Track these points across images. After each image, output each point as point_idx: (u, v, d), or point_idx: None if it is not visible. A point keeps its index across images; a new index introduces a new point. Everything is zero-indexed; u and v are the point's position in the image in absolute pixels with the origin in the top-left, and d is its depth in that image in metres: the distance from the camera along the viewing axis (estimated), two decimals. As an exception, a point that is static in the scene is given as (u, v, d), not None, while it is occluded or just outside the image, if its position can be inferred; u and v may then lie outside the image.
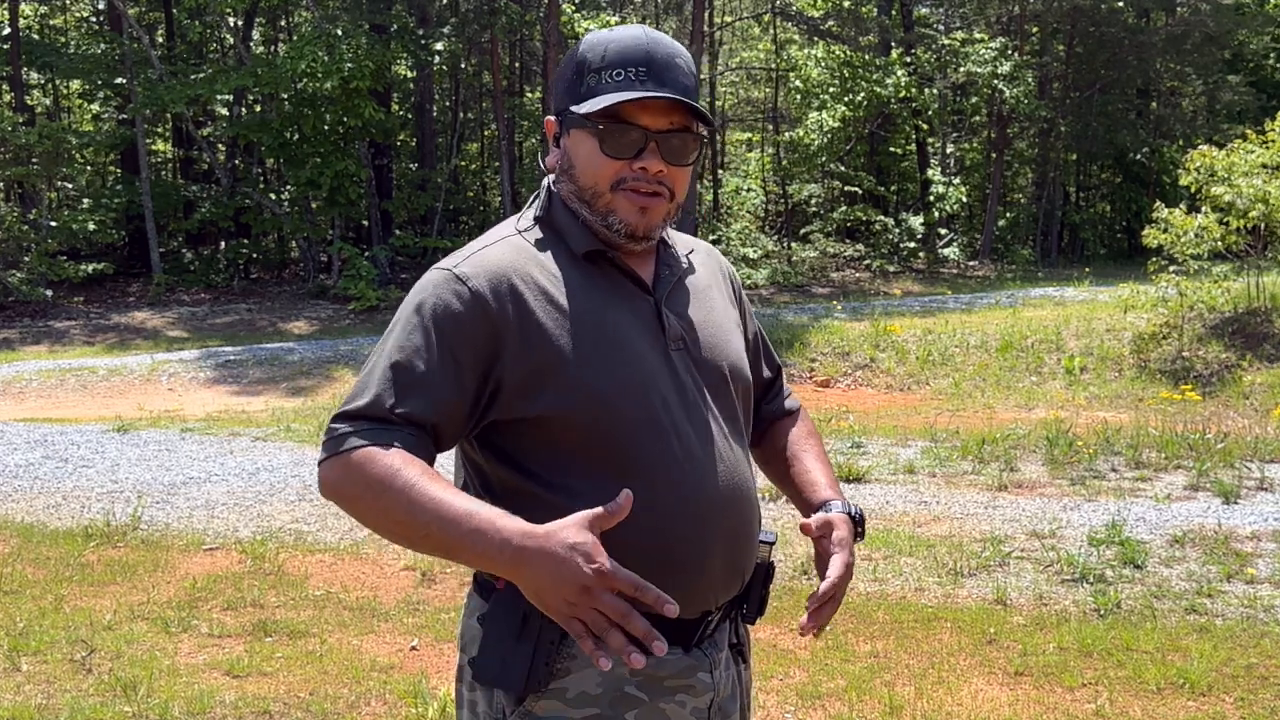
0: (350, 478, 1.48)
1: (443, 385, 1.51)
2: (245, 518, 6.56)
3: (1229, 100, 28.08)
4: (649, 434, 1.56)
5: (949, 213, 27.39)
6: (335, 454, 1.50)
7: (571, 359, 1.53)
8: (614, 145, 1.57)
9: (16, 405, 12.12)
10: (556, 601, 1.39)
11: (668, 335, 1.62)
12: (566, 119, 1.62)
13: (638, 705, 1.57)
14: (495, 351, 1.53)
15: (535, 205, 1.70)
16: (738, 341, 1.75)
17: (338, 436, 1.50)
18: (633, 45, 1.59)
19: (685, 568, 1.57)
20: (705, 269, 1.79)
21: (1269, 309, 11.81)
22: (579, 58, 1.62)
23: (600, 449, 1.54)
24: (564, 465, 1.55)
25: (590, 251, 1.62)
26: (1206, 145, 12.48)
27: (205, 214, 22.87)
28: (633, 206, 1.59)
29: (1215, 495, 6.42)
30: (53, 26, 27.82)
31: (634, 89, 1.56)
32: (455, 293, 1.54)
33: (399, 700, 3.93)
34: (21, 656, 4.37)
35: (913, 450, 8.00)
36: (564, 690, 1.55)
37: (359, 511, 1.50)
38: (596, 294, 1.60)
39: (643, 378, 1.57)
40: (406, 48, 21.91)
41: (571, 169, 1.62)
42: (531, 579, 1.39)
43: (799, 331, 14.15)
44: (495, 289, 1.54)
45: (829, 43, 27.08)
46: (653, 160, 1.57)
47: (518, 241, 1.63)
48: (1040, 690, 3.96)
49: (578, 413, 1.53)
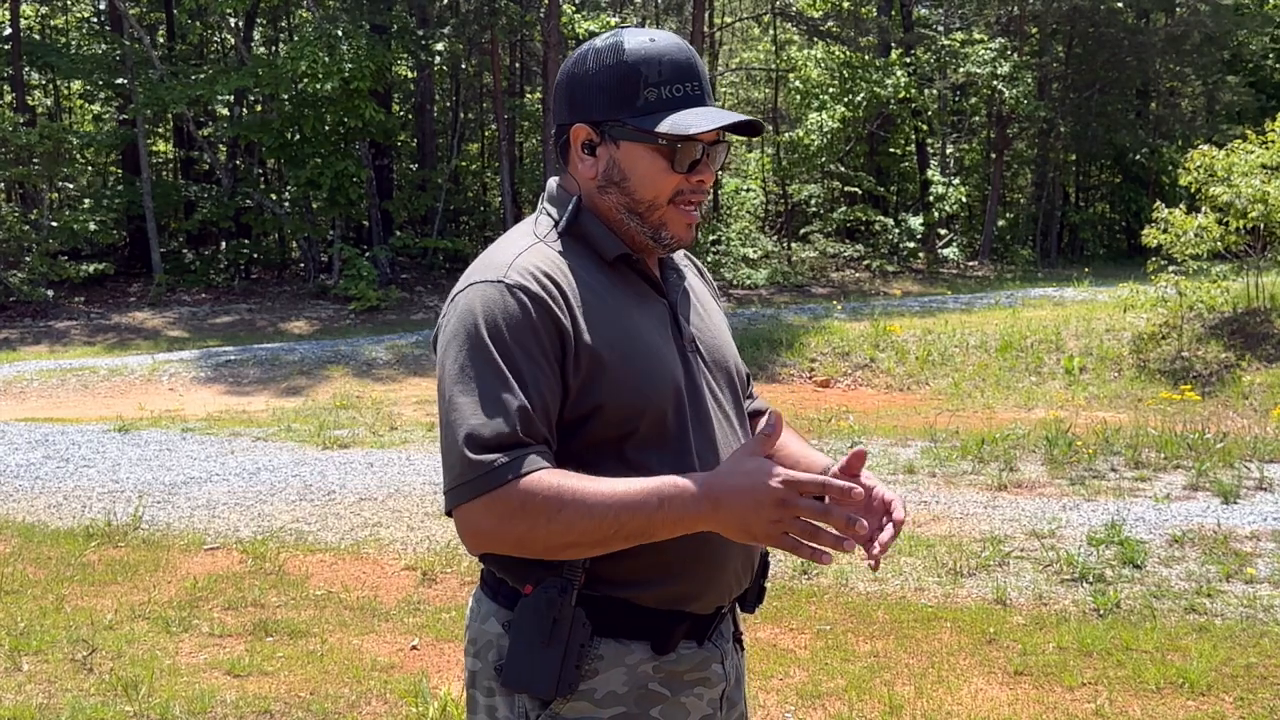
0: (518, 510, 1.45)
1: (542, 395, 1.51)
2: (246, 517, 6.56)
3: (1228, 100, 28.10)
4: (680, 431, 1.60)
5: (949, 213, 27.39)
6: (488, 490, 1.45)
7: (617, 356, 1.57)
8: (683, 162, 1.61)
9: (17, 405, 12.12)
10: (763, 525, 1.42)
11: (684, 336, 1.68)
12: (615, 129, 1.61)
13: (662, 701, 1.61)
14: (563, 348, 1.55)
15: (556, 215, 1.67)
16: (731, 342, 1.82)
17: (482, 476, 1.46)
18: (682, 60, 1.62)
19: (712, 562, 1.62)
20: (690, 271, 1.84)
21: (1268, 309, 11.82)
22: (630, 68, 1.60)
23: (633, 447, 1.57)
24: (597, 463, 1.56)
25: (619, 256, 1.65)
26: (1206, 145, 12.48)
27: (206, 214, 22.88)
28: (683, 221, 1.65)
29: (1215, 495, 6.43)
30: (53, 27, 27.82)
31: (695, 106, 1.61)
32: (519, 302, 1.52)
33: (399, 700, 3.94)
34: (23, 656, 4.38)
35: (912, 450, 8.01)
36: (592, 691, 1.58)
37: (531, 539, 1.47)
38: (626, 298, 1.64)
39: (672, 377, 1.62)
40: (407, 48, 21.91)
41: (625, 181, 1.62)
42: (733, 515, 1.43)
43: (799, 332, 14.15)
44: (549, 290, 1.55)
45: (829, 43, 27.08)
46: (707, 173, 1.64)
47: (544, 249, 1.63)
48: (1040, 690, 3.97)
49: (623, 408, 1.56)
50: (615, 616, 1.58)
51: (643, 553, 1.53)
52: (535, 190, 25.14)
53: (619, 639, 1.59)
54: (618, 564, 1.55)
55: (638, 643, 1.59)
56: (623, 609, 1.58)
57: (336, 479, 7.42)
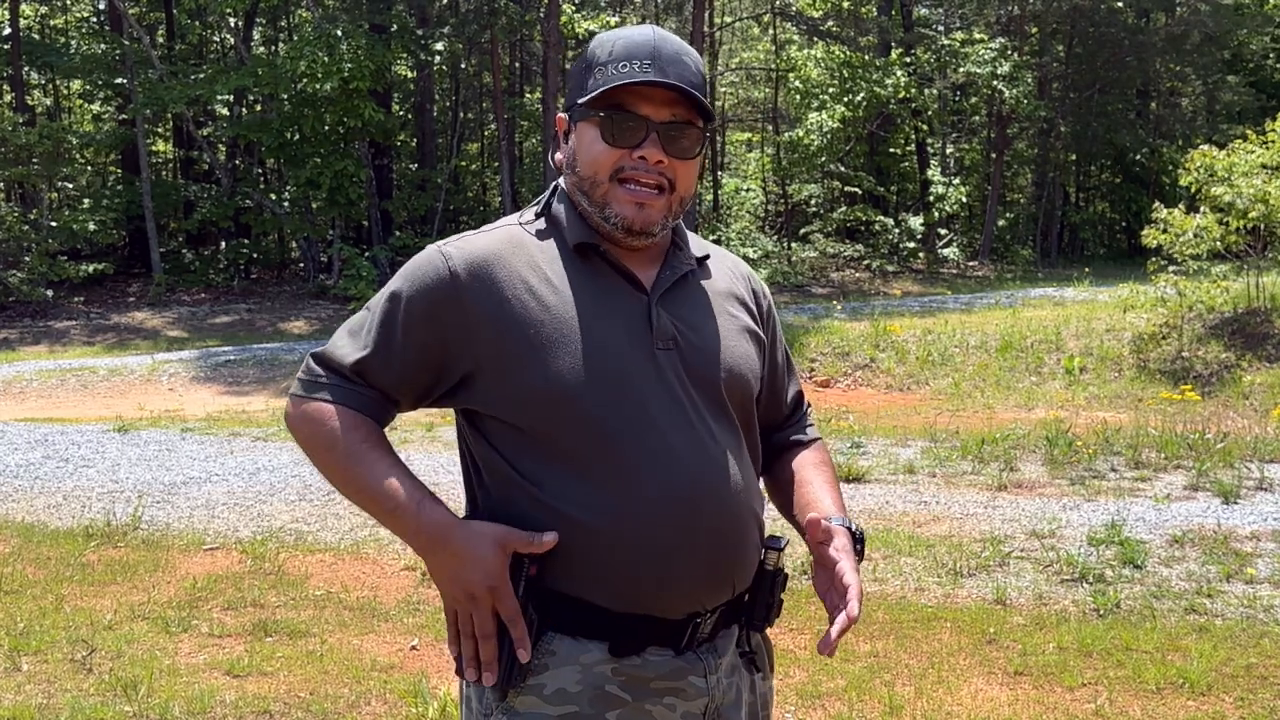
0: (307, 426, 1.63)
1: (408, 358, 1.60)
2: (245, 517, 6.56)
3: (1229, 100, 28.11)
4: (619, 430, 1.55)
5: (949, 213, 27.40)
6: (301, 396, 1.65)
7: (539, 350, 1.55)
8: (615, 133, 1.59)
9: (17, 405, 12.12)
10: (448, 593, 1.57)
11: (655, 334, 1.60)
12: (574, 113, 1.64)
13: (620, 705, 1.56)
14: (465, 335, 1.57)
15: (541, 201, 1.72)
16: (745, 350, 1.71)
17: (310, 382, 1.65)
18: (640, 40, 1.61)
19: (657, 565, 1.55)
20: (725, 278, 1.77)
21: (1269, 309, 11.81)
22: (590, 54, 1.64)
23: (568, 441, 1.55)
24: (535, 455, 1.56)
25: (581, 244, 1.63)
26: (1207, 145, 12.48)
27: (205, 214, 22.88)
28: (630, 200, 1.59)
29: (1215, 495, 6.42)
30: (53, 27, 27.84)
31: (636, 78, 1.58)
32: (436, 270, 1.59)
33: (399, 700, 3.93)
34: (22, 656, 4.37)
35: (912, 450, 8.00)
36: (541, 686, 1.56)
37: (308, 455, 1.66)
38: (582, 289, 1.60)
39: (617, 374, 1.56)
40: (406, 48, 21.91)
41: (575, 161, 1.64)
42: (436, 567, 1.57)
43: (799, 332, 14.15)
44: (473, 271, 1.58)
45: (829, 43, 27.08)
46: (653, 150, 1.58)
47: (515, 232, 1.65)
48: (1040, 690, 3.96)
49: (544, 404, 1.54)
50: (569, 613, 1.56)
51: (589, 550, 1.52)
52: (535, 190, 25.14)
53: (574, 636, 1.56)
54: (567, 560, 1.54)
55: (595, 642, 1.56)
56: (575, 606, 1.55)
57: (336, 479, 7.42)
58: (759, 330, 1.77)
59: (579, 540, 1.53)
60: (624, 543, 1.53)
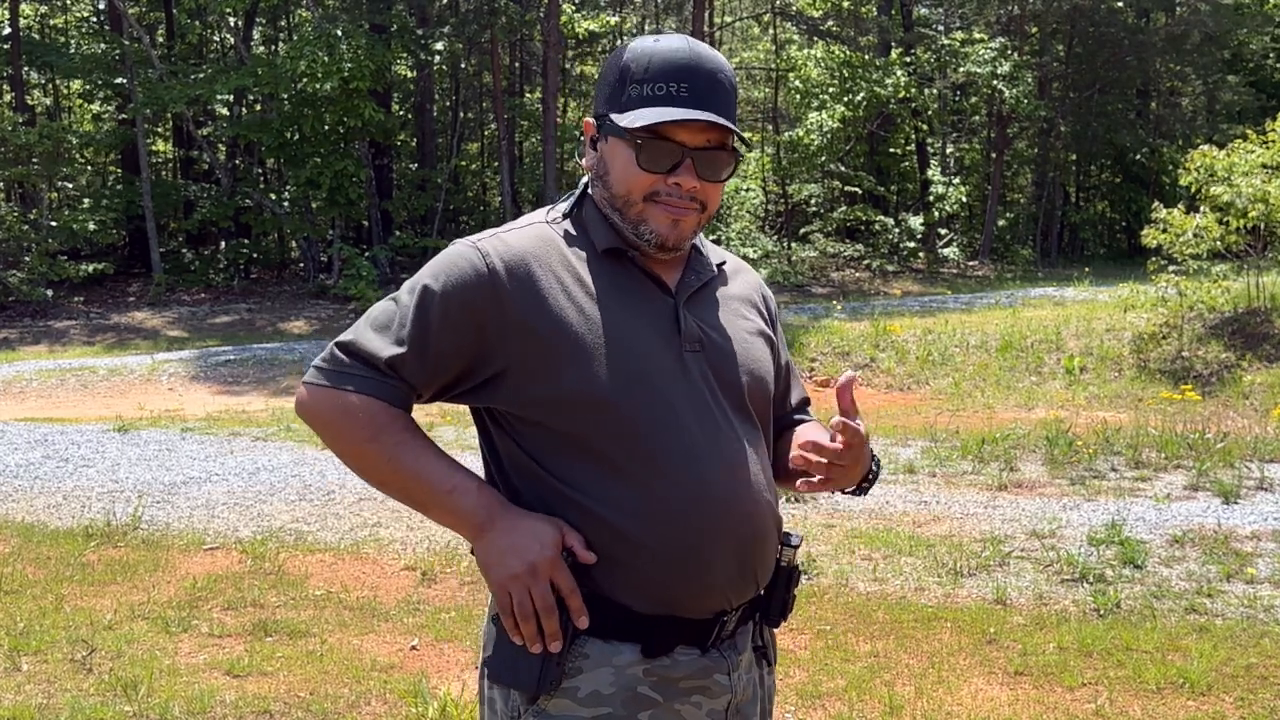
0: (341, 418, 1.58)
1: (442, 354, 1.57)
2: (245, 517, 6.56)
3: (1229, 100, 28.11)
4: (651, 430, 1.56)
5: (949, 213, 27.39)
6: (330, 387, 1.58)
7: (572, 351, 1.55)
8: (650, 160, 1.58)
9: (17, 405, 12.12)
10: (501, 571, 1.54)
11: (683, 336, 1.63)
12: (605, 125, 1.63)
13: (652, 706, 1.58)
14: (500, 333, 1.56)
15: (569, 200, 1.71)
16: (763, 353, 1.75)
17: (336, 372, 1.59)
18: (677, 59, 1.59)
19: (690, 565, 1.57)
20: (740, 283, 1.80)
21: (1269, 309, 11.81)
22: (623, 64, 1.62)
23: (600, 442, 1.56)
24: (566, 454, 1.57)
25: (610, 249, 1.63)
26: (1207, 145, 12.48)
27: (205, 214, 22.87)
28: (666, 217, 1.60)
29: (1215, 495, 6.42)
30: (53, 26, 27.83)
31: (674, 105, 1.57)
32: (473, 266, 1.57)
33: (399, 700, 3.93)
34: (22, 656, 4.37)
35: (913, 450, 8.00)
36: (575, 689, 1.56)
37: (336, 446, 1.61)
38: (613, 291, 1.61)
39: (647, 375, 1.58)
40: (406, 48, 21.90)
41: (606, 176, 1.63)
42: (492, 543, 1.55)
43: (799, 332, 14.15)
44: (510, 270, 1.57)
45: (829, 43, 27.08)
46: (687, 177, 1.59)
47: (545, 231, 1.65)
48: (1040, 690, 3.96)
49: (577, 406, 1.55)
50: (601, 616, 1.57)
51: (622, 553, 1.53)
52: (535, 190, 25.13)
53: (606, 639, 1.57)
54: (600, 564, 1.55)
55: (627, 644, 1.57)
56: (608, 609, 1.57)
57: (336, 479, 7.42)
58: (771, 335, 1.82)
59: (612, 543, 1.54)
60: (657, 544, 1.55)
